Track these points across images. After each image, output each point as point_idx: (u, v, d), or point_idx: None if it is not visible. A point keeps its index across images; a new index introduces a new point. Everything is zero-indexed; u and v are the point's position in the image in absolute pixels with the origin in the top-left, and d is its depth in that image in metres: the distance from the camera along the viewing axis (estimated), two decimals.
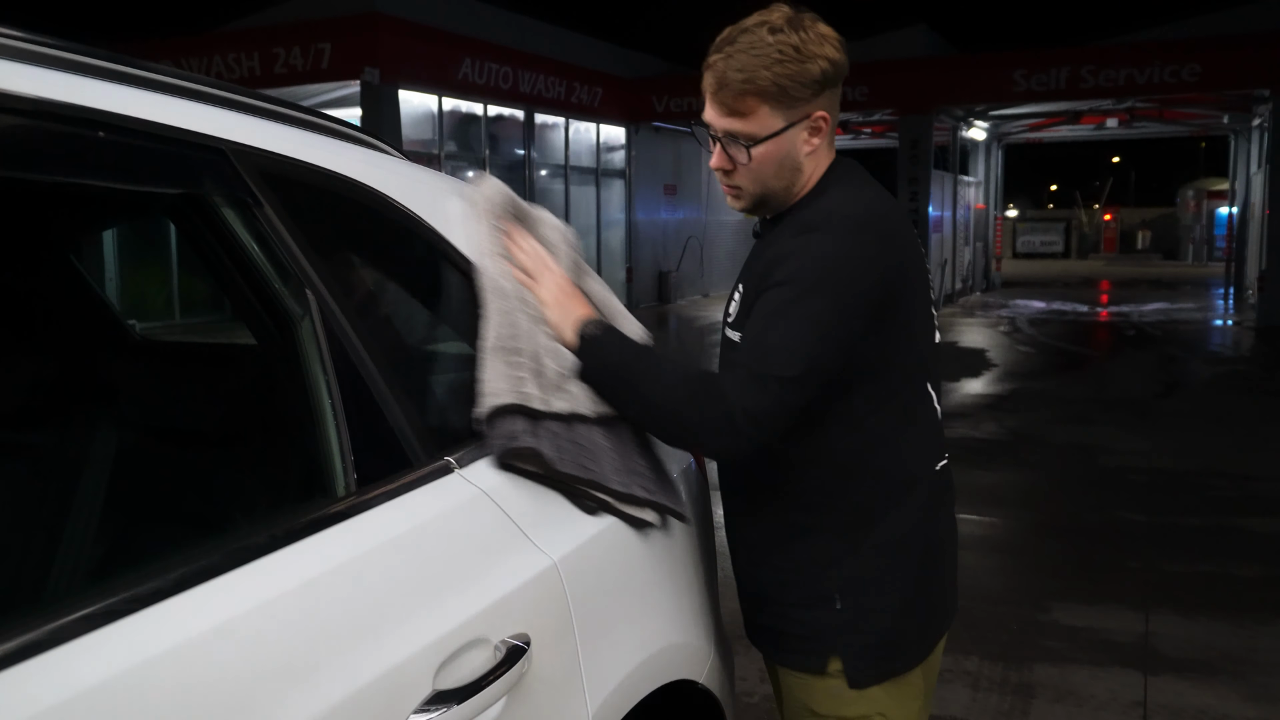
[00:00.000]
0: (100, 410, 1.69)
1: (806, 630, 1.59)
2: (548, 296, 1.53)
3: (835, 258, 1.45)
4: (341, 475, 1.18)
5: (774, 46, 1.47)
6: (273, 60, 14.21)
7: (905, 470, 1.59)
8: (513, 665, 1.19)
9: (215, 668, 0.94)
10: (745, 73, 1.48)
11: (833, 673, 1.57)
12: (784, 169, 1.55)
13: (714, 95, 1.53)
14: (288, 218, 1.22)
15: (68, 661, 0.84)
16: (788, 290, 1.44)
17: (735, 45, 1.50)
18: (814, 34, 1.50)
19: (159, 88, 1.16)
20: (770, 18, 1.51)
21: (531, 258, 1.56)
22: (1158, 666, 3.71)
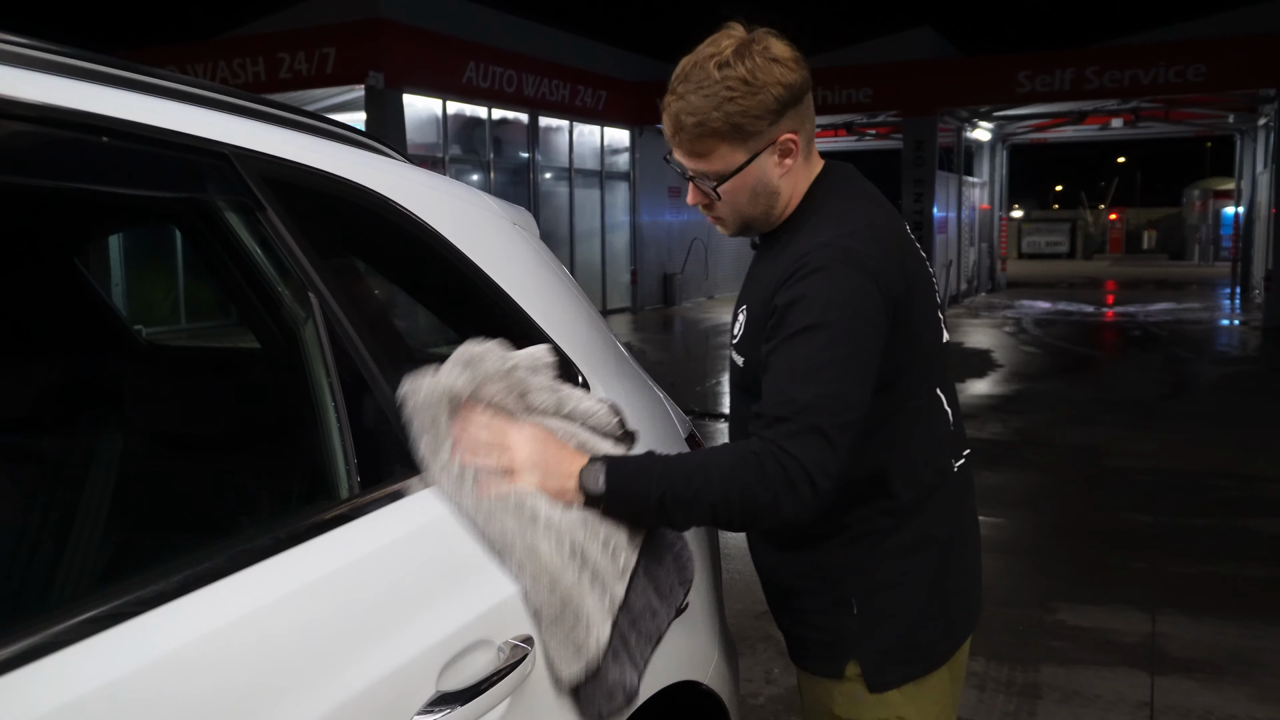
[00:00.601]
0: (105, 414, 1.70)
1: (826, 635, 1.60)
2: (531, 477, 1.34)
3: (847, 295, 1.42)
4: (345, 478, 1.19)
5: (721, 84, 1.43)
6: (278, 65, 14.26)
7: (918, 476, 1.58)
8: (516, 667, 1.20)
9: (219, 670, 0.94)
10: (696, 115, 1.45)
11: (851, 677, 1.58)
12: (759, 196, 1.53)
13: (672, 138, 1.50)
14: (291, 221, 1.22)
15: (72, 664, 0.84)
16: (811, 339, 1.40)
17: (687, 83, 1.46)
18: (763, 59, 1.44)
19: (162, 93, 1.17)
20: (719, 48, 1.46)
21: (490, 446, 1.34)
22: (1164, 667, 3.70)
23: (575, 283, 1.88)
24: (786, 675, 3.68)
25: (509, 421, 1.37)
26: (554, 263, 1.82)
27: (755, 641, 3.94)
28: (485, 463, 1.31)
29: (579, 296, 1.85)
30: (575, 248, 18.19)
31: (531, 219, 1.88)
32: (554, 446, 1.39)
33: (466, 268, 1.52)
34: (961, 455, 1.67)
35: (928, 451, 1.60)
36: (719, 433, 8.05)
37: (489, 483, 1.29)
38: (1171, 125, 21.94)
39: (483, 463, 1.30)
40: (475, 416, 1.34)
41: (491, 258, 1.57)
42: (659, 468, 1.40)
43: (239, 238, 1.20)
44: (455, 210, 1.57)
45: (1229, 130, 22.29)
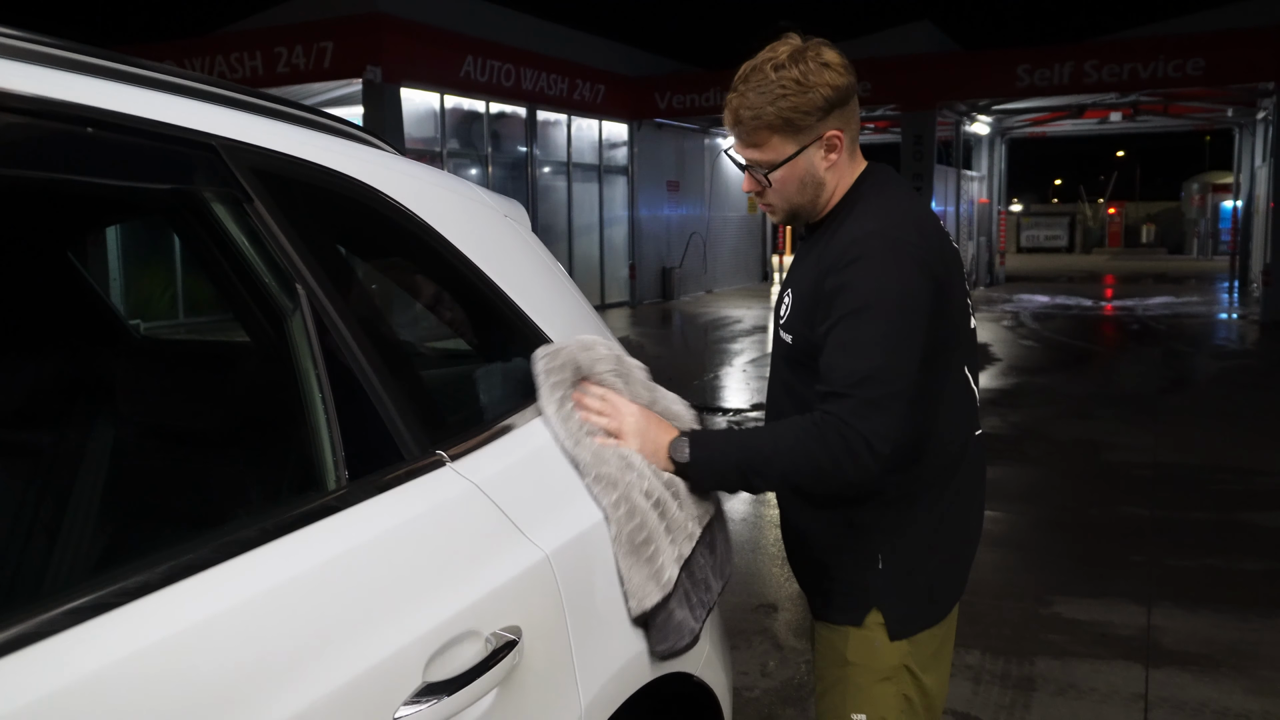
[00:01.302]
0: (97, 408, 1.70)
1: (852, 588, 1.75)
2: (633, 441, 1.60)
3: (889, 280, 1.57)
4: (332, 469, 1.19)
5: (776, 83, 1.61)
6: (275, 60, 14.23)
7: (949, 448, 1.74)
8: (503, 657, 1.20)
9: (204, 660, 0.94)
10: (753, 110, 1.63)
11: (871, 625, 1.74)
12: (806, 186, 1.70)
13: (733, 131, 1.69)
14: (279, 213, 1.22)
15: (57, 654, 0.84)
16: (860, 321, 1.56)
17: (747, 84, 1.64)
18: (815, 64, 1.62)
19: (150, 84, 1.16)
20: (776, 53, 1.64)
21: (607, 415, 1.61)
22: (1160, 660, 3.70)
23: (567, 274, 1.88)
24: (782, 669, 3.68)
25: (618, 397, 1.64)
26: (545, 255, 1.82)
27: (752, 635, 3.94)
28: (599, 421, 1.59)
29: (570, 288, 1.85)
30: (574, 242, 18.18)
31: (524, 211, 1.87)
32: (654, 420, 1.64)
33: (457, 260, 1.52)
34: (979, 428, 1.83)
35: (957, 424, 1.76)
36: (719, 426, 8.05)
37: (599, 439, 1.57)
38: (1170, 119, 21.92)
39: (596, 420, 1.59)
40: (591, 388, 1.62)
41: (482, 250, 1.57)
42: (736, 440, 1.65)
43: (227, 229, 1.19)
44: (446, 202, 1.57)
45: (1228, 124, 22.28)
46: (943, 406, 1.71)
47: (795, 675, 3.63)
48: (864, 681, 1.76)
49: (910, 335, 1.57)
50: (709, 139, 21.90)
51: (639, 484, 1.54)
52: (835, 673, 1.79)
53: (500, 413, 1.52)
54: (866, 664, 1.75)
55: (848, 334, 1.56)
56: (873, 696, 1.75)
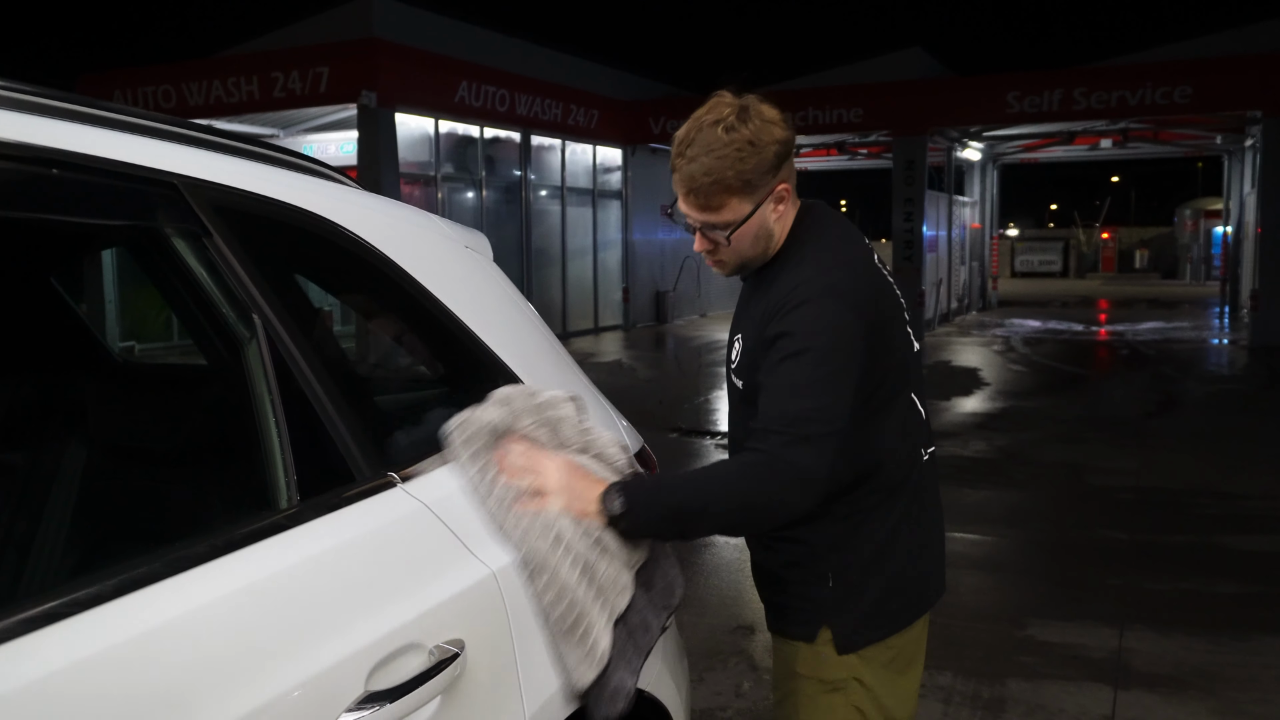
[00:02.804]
0: (71, 429, 1.76)
1: (805, 604, 1.82)
2: (559, 499, 1.56)
3: (828, 322, 1.64)
4: (284, 489, 1.25)
5: (731, 146, 1.65)
6: (272, 84, 14.36)
7: (896, 470, 1.82)
8: (445, 668, 1.26)
9: (148, 668, 1.00)
10: (712, 175, 1.66)
11: (822, 641, 1.80)
12: (759, 239, 1.76)
13: (686, 196, 1.71)
14: (237, 246, 1.29)
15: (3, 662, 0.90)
16: (796, 364, 1.62)
17: (695, 146, 1.67)
18: (761, 121, 1.67)
19: (114, 125, 1.23)
20: (722, 115, 1.67)
21: (526, 468, 1.57)
22: (1129, 681, 3.75)
23: (528, 304, 1.94)
24: (756, 690, 3.73)
25: (541, 452, 1.61)
26: (506, 284, 1.89)
27: (728, 656, 3.99)
28: (521, 484, 1.54)
29: (530, 317, 1.92)
30: (568, 266, 18.28)
31: (486, 241, 1.95)
32: (579, 474, 1.62)
33: (414, 289, 1.59)
34: (930, 447, 1.92)
35: (905, 444, 1.84)
36: (708, 449, 8.11)
37: (523, 502, 1.53)
38: (1160, 146, 22.11)
39: (519, 484, 1.54)
40: (513, 446, 1.58)
41: (440, 279, 1.64)
42: (667, 486, 1.65)
43: (186, 262, 1.26)
44: (403, 234, 1.64)
45: (1217, 151, 22.46)
46: (889, 430, 1.79)
47: (769, 696, 3.67)
48: (813, 692, 1.83)
49: (844, 376, 1.63)
50: None
51: (565, 559, 1.51)
52: (787, 684, 1.87)
53: None
54: (815, 675, 1.82)
55: (784, 377, 1.62)
56: (822, 706, 1.82)
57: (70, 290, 2.16)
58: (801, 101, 18.21)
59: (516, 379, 1.71)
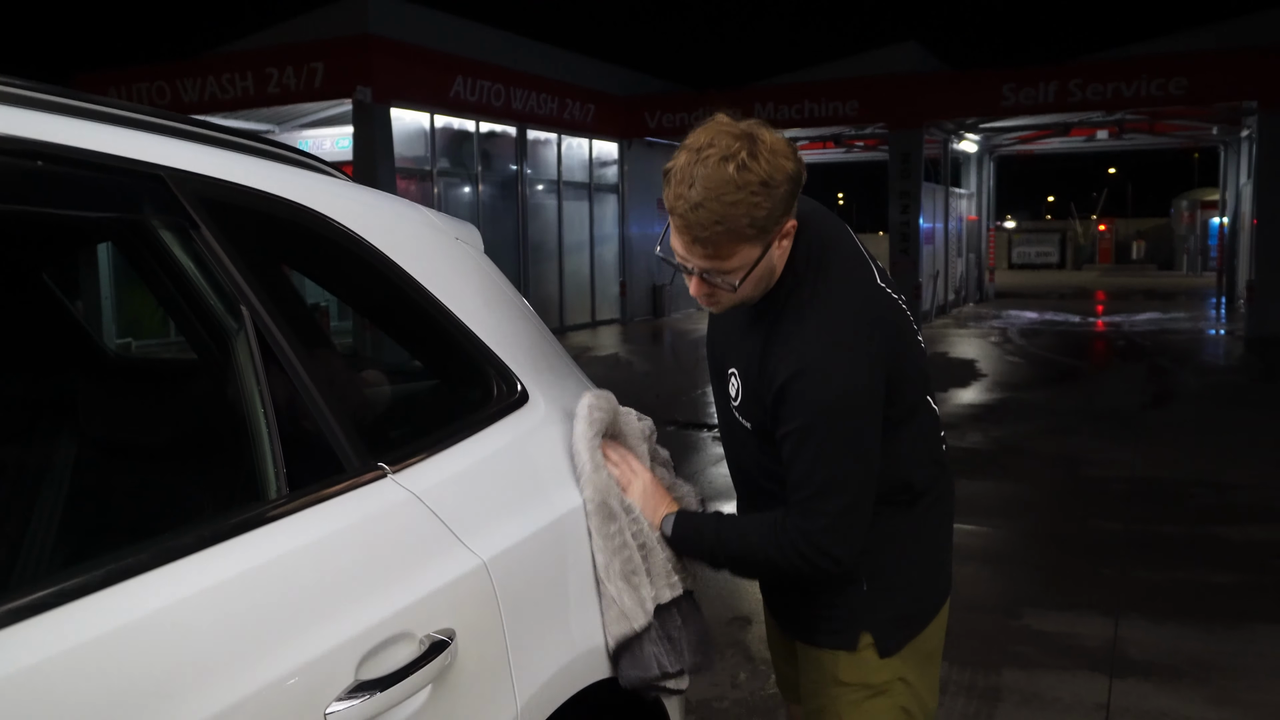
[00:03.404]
0: (61, 425, 1.77)
1: (838, 611, 1.79)
2: (639, 500, 1.74)
3: (850, 385, 1.60)
4: (273, 480, 1.26)
5: (745, 190, 1.49)
6: (266, 80, 14.34)
7: (919, 476, 1.80)
8: (435, 658, 1.26)
9: (136, 658, 1.00)
10: (724, 224, 1.51)
11: (863, 646, 1.78)
12: (763, 279, 1.64)
13: (690, 245, 1.57)
14: (225, 239, 1.29)
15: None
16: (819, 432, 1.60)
17: (699, 188, 1.50)
18: (771, 156, 1.51)
19: (100, 118, 1.23)
20: (730, 150, 1.50)
21: (622, 469, 1.76)
22: (1124, 670, 3.77)
23: (520, 295, 1.95)
24: (752, 681, 3.74)
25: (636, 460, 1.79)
26: (498, 276, 1.89)
27: (724, 648, 4.00)
28: (614, 471, 1.73)
29: (523, 309, 1.92)
30: (564, 260, 18.27)
31: (476, 233, 1.95)
32: (658, 491, 1.78)
33: (404, 281, 1.59)
34: (943, 445, 1.91)
35: (930, 447, 1.84)
36: (703, 441, 8.12)
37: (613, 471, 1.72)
38: (1156, 137, 22.11)
39: (613, 470, 1.73)
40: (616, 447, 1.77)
41: (430, 271, 1.64)
42: (713, 529, 1.74)
43: (174, 254, 1.26)
44: (393, 226, 1.64)
45: (1213, 142, 22.47)
46: (913, 439, 1.78)
47: (764, 686, 3.68)
48: (857, 699, 1.80)
49: (867, 435, 1.63)
50: None
51: (631, 527, 1.69)
52: (829, 692, 1.82)
53: (445, 428, 1.59)
54: (860, 682, 1.80)
55: (810, 445, 1.61)
56: (867, 712, 1.80)
57: (66, 288, 2.16)
58: (798, 95, 18.22)
59: (508, 371, 1.72)
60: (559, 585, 1.60)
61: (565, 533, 1.64)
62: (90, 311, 14.25)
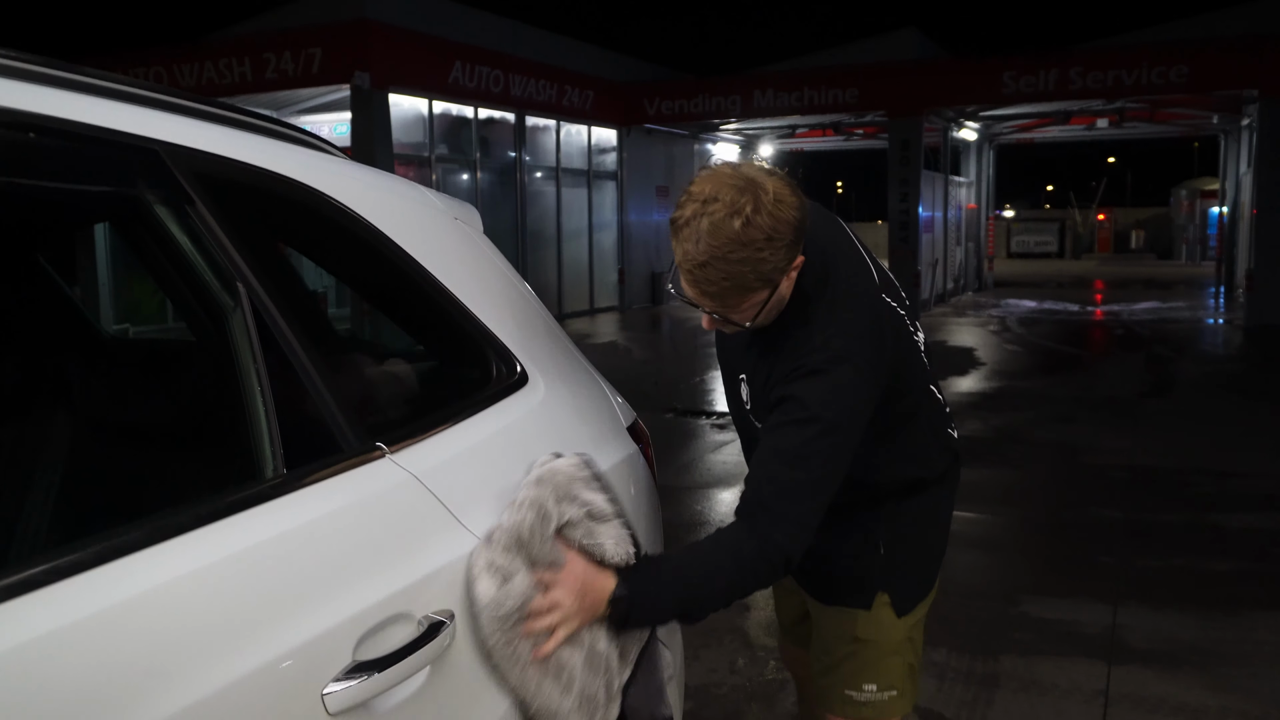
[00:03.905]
0: (57, 404, 1.75)
1: (856, 573, 1.91)
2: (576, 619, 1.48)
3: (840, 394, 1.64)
4: (270, 459, 1.24)
5: (749, 247, 1.51)
6: (264, 66, 14.28)
7: (934, 461, 1.94)
8: (434, 639, 1.25)
9: (131, 636, 0.99)
10: (731, 280, 1.54)
11: (880, 605, 1.91)
12: (774, 309, 1.69)
13: (700, 297, 1.59)
14: (221, 214, 1.27)
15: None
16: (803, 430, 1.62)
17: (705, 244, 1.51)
18: (774, 205, 1.52)
19: (92, 90, 1.21)
20: (733, 201, 1.51)
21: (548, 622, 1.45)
22: (1123, 657, 3.76)
23: (519, 277, 1.93)
24: (750, 667, 3.74)
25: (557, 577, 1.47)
26: (497, 257, 1.88)
27: (723, 634, 3.99)
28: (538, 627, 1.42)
29: (523, 290, 1.90)
30: (563, 247, 18.24)
31: (476, 214, 1.93)
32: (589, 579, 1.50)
33: (402, 260, 1.57)
34: (952, 428, 2.01)
35: (938, 434, 1.95)
36: (701, 429, 8.10)
37: (536, 652, 1.42)
38: (1157, 126, 22.06)
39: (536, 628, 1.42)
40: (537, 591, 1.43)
41: (429, 251, 1.62)
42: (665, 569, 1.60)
43: (169, 231, 1.24)
44: (391, 204, 1.62)
45: (1213, 131, 22.42)
46: (921, 430, 1.91)
47: (763, 672, 3.68)
48: (873, 656, 1.93)
49: (844, 448, 1.64)
50: (698, 144, 21.99)
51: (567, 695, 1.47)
52: (844, 649, 1.94)
53: (445, 407, 1.57)
54: (877, 640, 1.92)
55: (785, 440, 1.62)
56: (882, 669, 1.93)
57: (64, 273, 2.15)
58: (797, 82, 18.16)
59: (507, 352, 1.70)
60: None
61: None
62: (88, 297, 14.22)
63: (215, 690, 1.03)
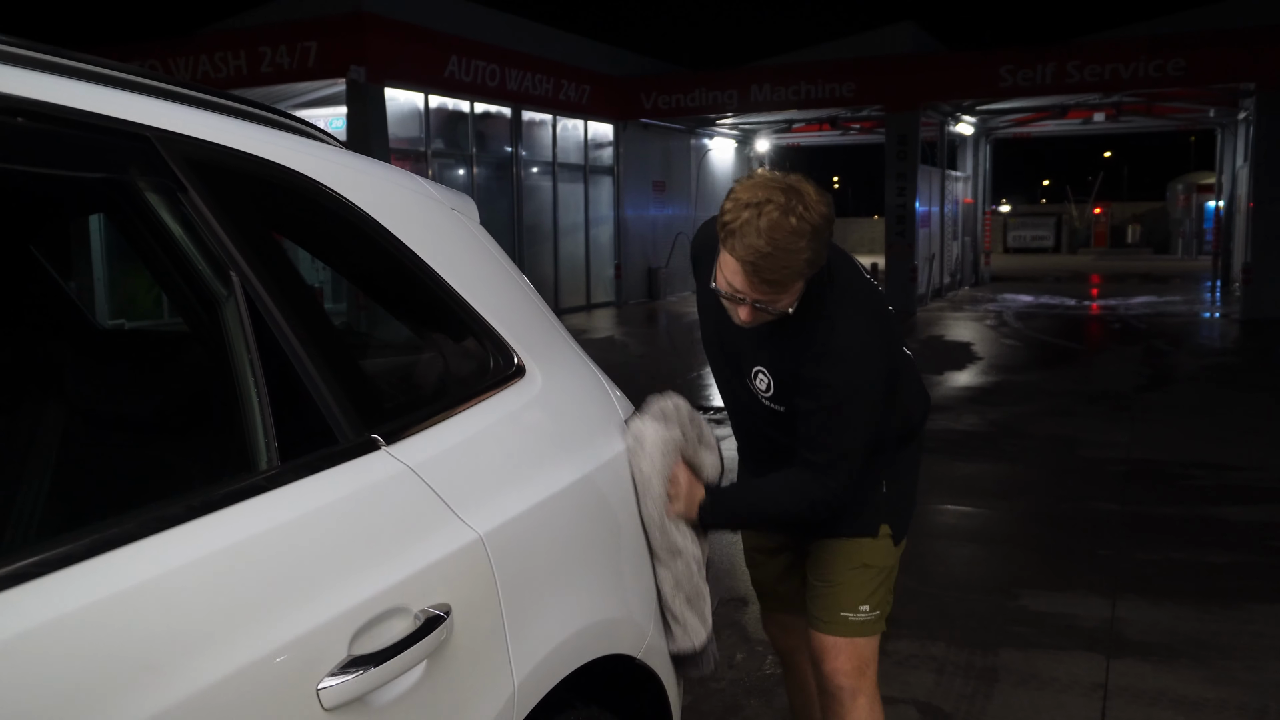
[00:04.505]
0: (49, 395, 1.73)
1: (866, 509, 2.26)
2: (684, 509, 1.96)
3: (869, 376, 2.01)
4: (264, 450, 1.22)
5: (803, 238, 1.81)
6: (259, 60, 14.22)
7: (917, 410, 2.33)
8: (430, 632, 1.23)
9: (121, 629, 0.97)
10: (790, 267, 1.84)
11: (883, 535, 2.28)
12: (800, 298, 1.96)
13: (757, 285, 1.87)
14: (214, 202, 1.25)
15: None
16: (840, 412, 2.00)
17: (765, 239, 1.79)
18: (816, 204, 1.82)
19: (82, 75, 1.19)
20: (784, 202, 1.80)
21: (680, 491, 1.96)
22: (1121, 650, 3.76)
23: (517, 269, 1.91)
24: (749, 661, 3.73)
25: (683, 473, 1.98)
26: (493, 247, 1.86)
27: (722, 628, 3.98)
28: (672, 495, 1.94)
29: (520, 283, 1.88)
30: (559, 242, 18.20)
31: (472, 205, 1.91)
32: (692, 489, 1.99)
33: (398, 250, 1.55)
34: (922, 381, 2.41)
35: (918, 389, 2.34)
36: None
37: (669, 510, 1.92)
38: (1153, 119, 22.03)
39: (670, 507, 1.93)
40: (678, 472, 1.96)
41: (425, 241, 1.61)
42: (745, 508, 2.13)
43: (161, 218, 1.22)
44: (387, 194, 1.60)
45: (1210, 125, 22.42)
46: (911, 382, 2.29)
47: (761, 667, 3.67)
48: (870, 580, 2.28)
49: (875, 417, 2.04)
50: (695, 139, 21.95)
51: (693, 553, 1.95)
52: (848, 574, 2.27)
53: (441, 399, 1.55)
54: (878, 564, 2.28)
55: (831, 419, 2.00)
56: (875, 592, 2.29)
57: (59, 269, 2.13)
58: (794, 76, 18.12)
59: (505, 344, 1.68)
60: (558, 560, 1.57)
61: (564, 508, 1.61)
62: (83, 293, 14.18)
63: (208, 685, 1.01)
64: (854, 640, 2.30)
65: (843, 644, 2.29)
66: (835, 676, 2.30)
